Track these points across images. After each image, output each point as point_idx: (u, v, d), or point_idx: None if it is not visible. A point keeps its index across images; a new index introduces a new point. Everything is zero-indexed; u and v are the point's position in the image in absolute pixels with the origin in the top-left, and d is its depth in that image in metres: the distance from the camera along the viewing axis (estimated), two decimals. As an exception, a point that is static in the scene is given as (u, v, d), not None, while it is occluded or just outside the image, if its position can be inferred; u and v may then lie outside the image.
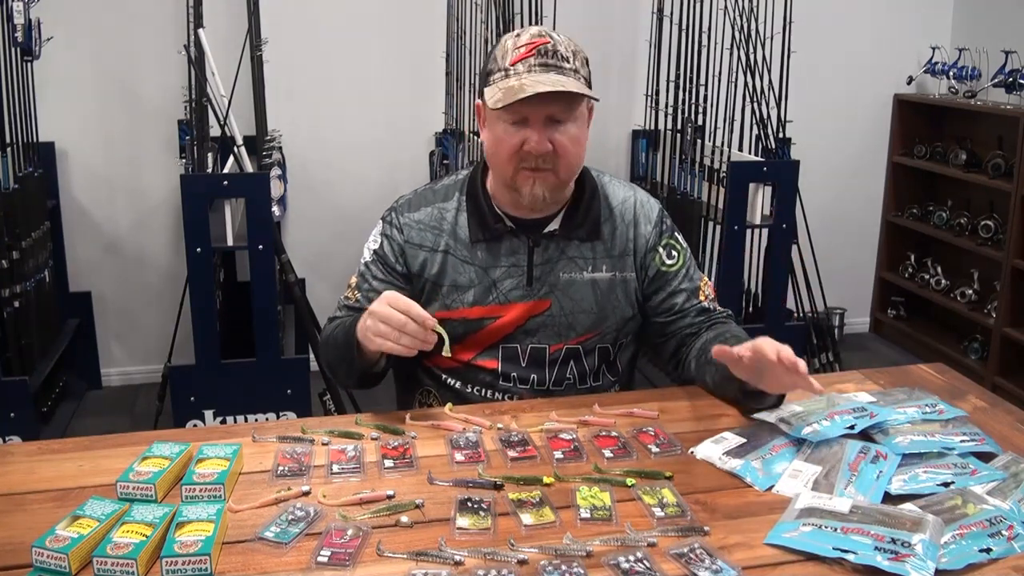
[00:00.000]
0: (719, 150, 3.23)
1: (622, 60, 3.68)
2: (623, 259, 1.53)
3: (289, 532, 1.05)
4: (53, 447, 1.29)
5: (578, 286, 1.50)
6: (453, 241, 1.52)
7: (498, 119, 1.40)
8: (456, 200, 1.54)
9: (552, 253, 1.50)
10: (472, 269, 1.50)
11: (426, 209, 1.54)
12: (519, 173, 1.41)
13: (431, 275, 1.52)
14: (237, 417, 2.81)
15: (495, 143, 1.42)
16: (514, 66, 1.37)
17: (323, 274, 3.59)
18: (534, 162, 1.39)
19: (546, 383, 1.52)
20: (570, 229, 1.50)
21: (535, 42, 1.38)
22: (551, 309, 1.50)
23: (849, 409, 1.31)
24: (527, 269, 1.50)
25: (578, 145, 1.42)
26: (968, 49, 3.77)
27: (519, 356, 1.51)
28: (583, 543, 1.02)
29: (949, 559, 0.99)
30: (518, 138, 1.39)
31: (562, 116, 1.38)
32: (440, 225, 1.52)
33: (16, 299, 2.80)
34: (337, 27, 3.43)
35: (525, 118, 1.38)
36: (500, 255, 1.50)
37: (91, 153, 3.35)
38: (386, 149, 3.57)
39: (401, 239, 1.53)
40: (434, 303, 1.52)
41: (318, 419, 1.39)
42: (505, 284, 1.50)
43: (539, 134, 1.38)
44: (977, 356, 3.62)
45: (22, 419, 2.71)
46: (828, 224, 3.86)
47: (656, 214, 1.56)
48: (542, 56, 1.37)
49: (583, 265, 1.51)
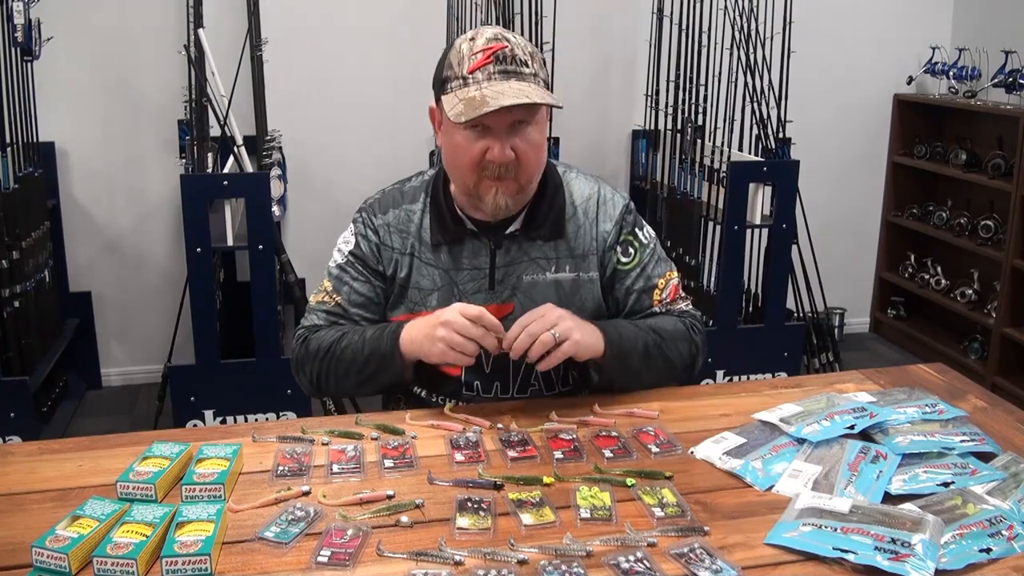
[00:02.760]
0: (719, 150, 3.23)
1: (622, 60, 3.68)
2: (586, 259, 1.49)
3: (289, 532, 1.05)
4: (53, 447, 1.29)
5: (541, 287, 1.48)
6: (418, 243, 1.50)
7: (456, 128, 1.36)
8: (422, 202, 1.51)
9: (514, 255, 1.48)
10: (436, 272, 1.48)
11: (394, 211, 1.52)
12: (481, 183, 1.38)
13: (400, 278, 1.50)
14: (237, 417, 2.81)
15: (454, 152, 1.39)
16: (472, 74, 1.32)
17: (323, 274, 3.58)
18: (496, 171, 1.36)
19: (510, 391, 1.50)
20: (531, 229, 1.47)
21: (492, 47, 1.34)
22: (515, 312, 1.46)
23: (849, 409, 1.31)
24: (489, 272, 1.47)
25: (539, 150, 1.40)
26: (968, 49, 3.77)
27: (483, 363, 1.47)
28: (583, 543, 1.02)
29: (949, 559, 0.99)
30: (479, 147, 1.35)
31: (524, 119, 1.35)
32: (407, 228, 1.51)
33: (16, 299, 2.80)
34: (337, 27, 3.43)
35: (487, 127, 1.34)
36: (462, 257, 1.48)
37: (91, 153, 3.35)
38: (386, 149, 3.57)
39: (376, 240, 1.51)
40: (400, 306, 1.50)
41: (318, 419, 1.39)
42: (468, 287, 1.48)
43: (501, 143, 1.34)
44: (977, 356, 3.62)
45: (22, 419, 2.71)
46: (828, 224, 3.86)
47: (619, 210, 1.51)
48: (501, 63, 1.32)
49: (545, 266, 1.48)
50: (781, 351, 3.18)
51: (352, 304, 1.51)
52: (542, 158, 1.42)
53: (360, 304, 1.51)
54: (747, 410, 1.38)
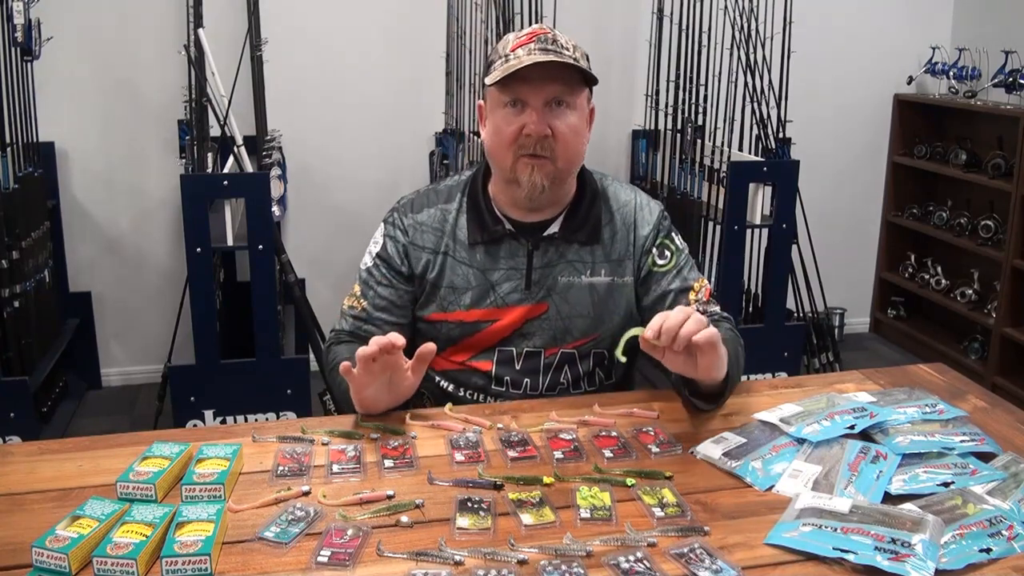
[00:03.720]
0: (719, 150, 3.23)
1: (622, 60, 3.68)
2: (622, 264, 1.52)
3: (289, 532, 1.05)
4: (53, 447, 1.29)
5: (576, 290, 1.50)
6: (452, 242, 1.51)
7: (497, 106, 1.41)
8: (458, 201, 1.53)
9: (551, 256, 1.50)
10: (470, 271, 1.50)
11: (429, 210, 1.53)
12: (518, 161, 1.41)
13: (431, 277, 1.51)
14: (237, 417, 2.81)
15: (494, 132, 1.43)
16: (514, 51, 1.39)
17: (323, 274, 3.59)
18: (533, 147, 1.39)
19: (539, 388, 1.52)
20: (570, 232, 1.50)
21: (536, 32, 1.42)
22: (548, 312, 1.49)
23: (849, 409, 1.31)
24: (526, 272, 1.49)
25: (577, 136, 1.43)
26: (968, 49, 3.77)
27: (514, 359, 1.51)
28: (583, 543, 1.02)
29: (949, 559, 0.99)
30: (517, 123, 1.39)
31: (561, 99, 1.39)
32: (443, 227, 1.52)
33: (16, 299, 2.80)
34: (337, 27, 3.43)
35: (524, 102, 1.38)
36: (499, 258, 1.50)
37: (91, 153, 3.35)
38: (386, 149, 3.57)
39: (405, 240, 1.52)
40: (431, 304, 1.52)
41: (318, 419, 1.39)
42: (503, 287, 1.49)
43: (538, 116, 1.38)
44: (977, 356, 3.62)
45: (22, 419, 2.71)
46: (828, 224, 3.86)
47: (656, 216, 1.55)
48: (542, 43, 1.39)
49: (582, 269, 1.50)
50: (781, 351, 3.18)
51: (376, 308, 1.52)
52: (580, 146, 1.45)
53: (383, 308, 1.52)
54: (747, 410, 1.38)
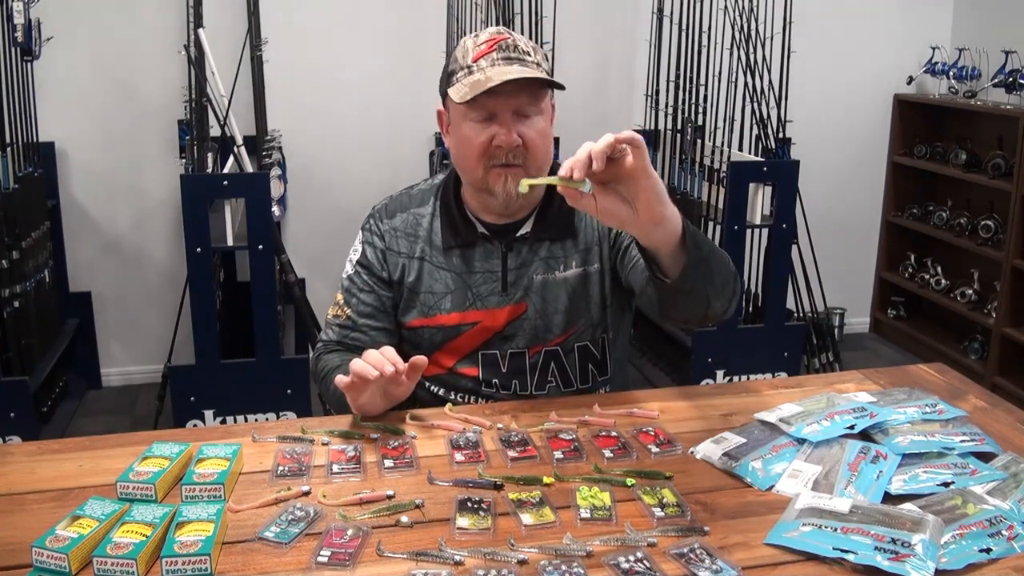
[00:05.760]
0: (719, 150, 3.23)
1: (622, 60, 3.68)
2: (590, 251, 1.51)
3: (289, 532, 1.05)
4: (53, 447, 1.29)
5: (551, 286, 1.50)
6: (429, 247, 1.51)
7: (464, 119, 1.39)
8: (431, 205, 1.53)
9: (525, 256, 1.50)
10: (448, 275, 1.50)
11: (402, 215, 1.54)
12: (490, 172, 1.40)
13: (409, 282, 1.51)
14: (237, 417, 2.81)
15: (463, 144, 1.41)
16: (476, 62, 1.37)
17: (323, 274, 3.59)
18: (504, 158, 1.38)
19: (528, 388, 1.51)
20: (542, 231, 1.50)
21: (495, 38, 1.38)
22: (527, 312, 1.49)
23: (849, 409, 1.31)
24: (502, 274, 1.49)
25: (546, 139, 1.42)
26: (968, 49, 3.77)
27: (499, 362, 1.50)
28: (583, 543, 1.02)
29: (949, 559, 0.99)
30: (486, 135, 1.38)
31: (529, 109, 1.38)
32: (416, 231, 1.52)
33: (16, 299, 2.80)
34: (337, 27, 3.43)
35: (492, 114, 1.37)
36: (474, 260, 1.50)
37: (91, 153, 3.35)
38: (386, 149, 3.57)
39: (382, 245, 1.53)
40: (412, 311, 1.52)
41: (318, 419, 1.39)
42: (481, 290, 1.50)
43: (507, 127, 1.37)
44: (977, 356, 3.62)
45: (22, 419, 2.71)
46: (828, 224, 3.86)
47: None
48: (504, 51, 1.37)
49: (555, 265, 1.50)
50: (781, 351, 3.18)
51: (361, 315, 1.53)
52: (549, 147, 1.44)
53: (368, 315, 1.53)
54: (747, 410, 1.38)
